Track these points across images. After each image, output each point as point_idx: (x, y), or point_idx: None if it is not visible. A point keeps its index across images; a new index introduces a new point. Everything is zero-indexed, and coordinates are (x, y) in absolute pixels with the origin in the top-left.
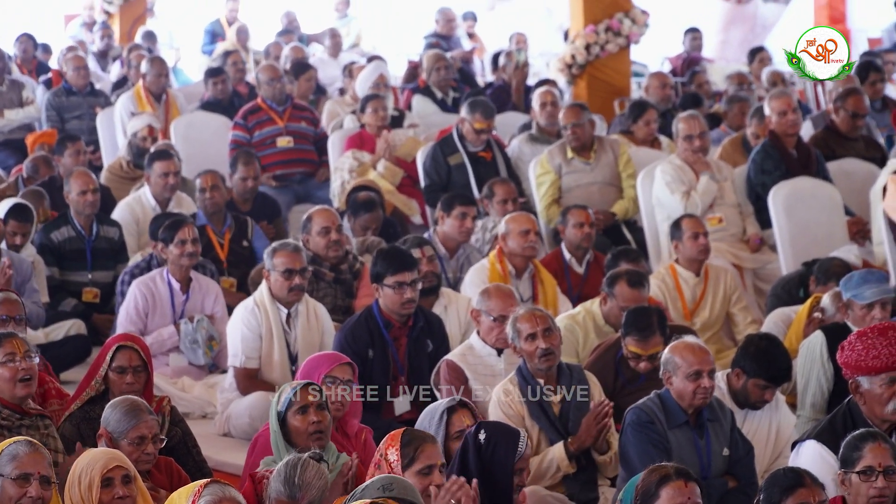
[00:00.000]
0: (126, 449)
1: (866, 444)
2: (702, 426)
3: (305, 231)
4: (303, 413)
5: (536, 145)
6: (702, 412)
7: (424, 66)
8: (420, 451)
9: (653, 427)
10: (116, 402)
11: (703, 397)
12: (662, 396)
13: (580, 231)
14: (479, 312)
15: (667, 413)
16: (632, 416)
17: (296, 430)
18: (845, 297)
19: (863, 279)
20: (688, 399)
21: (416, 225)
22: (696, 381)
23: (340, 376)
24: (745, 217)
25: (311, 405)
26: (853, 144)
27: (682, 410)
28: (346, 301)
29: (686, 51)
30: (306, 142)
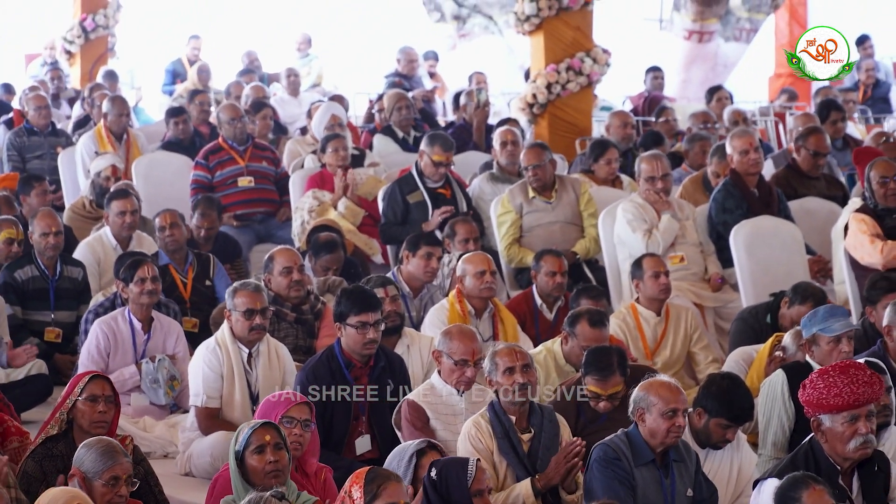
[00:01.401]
0: (100, 490)
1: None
2: (667, 466)
3: (267, 271)
4: (260, 453)
5: (497, 184)
6: (668, 452)
7: (385, 106)
8: (383, 488)
9: (619, 464)
10: (91, 443)
11: (676, 435)
12: (630, 434)
13: (552, 280)
14: (440, 353)
15: (633, 451)
16: (598, 453)
17: (253, 470)
18: (811, 331)
19: (829, 313)
20: (660, 437)
21: (378, 264)
22: (672, 419)
23: (298, 416)
24: (707, 256)
25: (268, 445)
26: (815, 183)
27: (650, 449)
28: (307, 341)
29: (647, 90)
30: (267, 181)
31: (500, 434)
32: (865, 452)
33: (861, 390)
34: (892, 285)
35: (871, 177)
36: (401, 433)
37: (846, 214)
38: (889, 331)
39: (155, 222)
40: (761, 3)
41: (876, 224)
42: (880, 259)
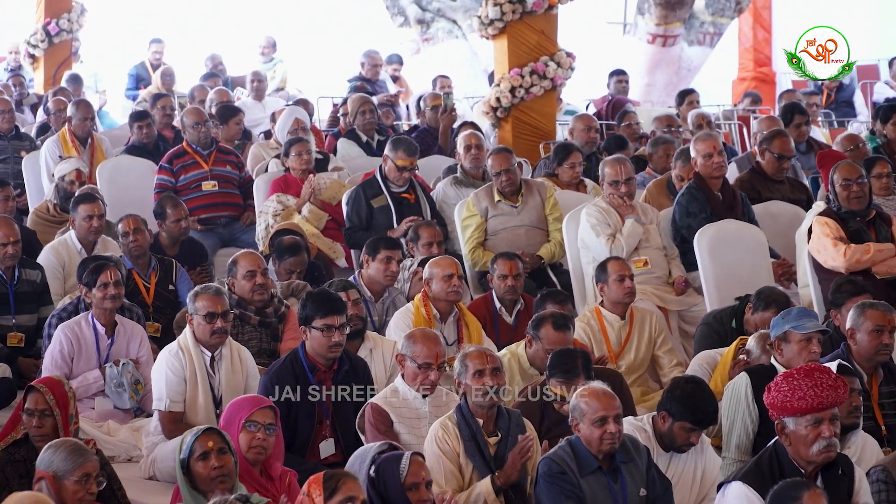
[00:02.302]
0: (72, 488)
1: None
2: (616, 469)
3: (231, 275)
4: (204, 459)
5: (461, 188)
6: (614, 455)
7: (349, 110)
8: (341, 483)
9: (564, 477)
10: (58, 444)
11: (611, 443)
12: (573, 443)
13: (503, 283)
14: (404, 357)
15: (578, 460)
16: (543, 467)
17: (200, 476)
18: (783, 329)
19: (802, 313)
20: (595, 445)
21: (341, 268)
22: (602, 426)
23: (262, 420)
24: (671, 260)
25: (211, 451)
26: (779, 187)
27: (594, 457)
28: (271, 345)
29: (611, 93)
30: (231, 185)
31: (466, 436)
32: (828, 456)
33: (825, 394)
34: (857, 289)
35: (834, 180)
36: (364, 437)
37: (810, 218)
38: (852, 334)
39: (118, 228)
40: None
41: (840, 227)
42: (844, 262)
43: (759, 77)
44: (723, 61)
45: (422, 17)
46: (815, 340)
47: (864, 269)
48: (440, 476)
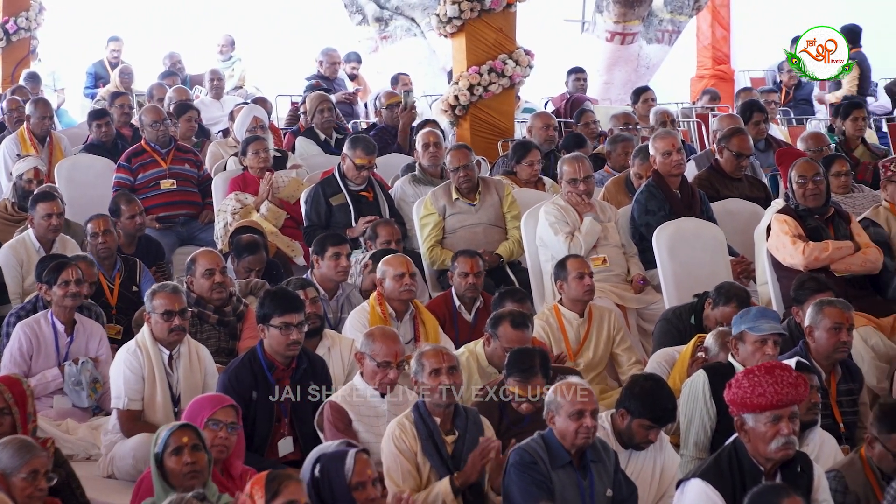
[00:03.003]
0: (20, 484)
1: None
2: (585, 467)
3: (189, 273)
4: (177, 454)
5: (420, 186)
6: (585, 453)
7: (308, 108)
8: (283, 486)
9: (536, 467)
10: (5, 441)
11: (586, 437)
12: (546, 437)
13: (465, 281)
14: (363, 355)
15: (550, 453)
16: (515, 457)
17: (172, 472)
18: (740, 328)
19: (760, 314)
20: (570, 438)
21: (300, 266)
22: (579, 420)
23: (224, 419)
24: (629, 258)
25: (185, 446)
26: (737, 184)
27: (566, 451)
28: (229, 343)
29: (569, 91)
30: (190, 184)
31: (424, 435)
32: (787, 454)
33: (785, 391)
34: (819, 286)
35: (791, 177)
36: (323, 435)
37: (769, 215)
38: (811, 331)
39: (87, 228)
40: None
41: (798, 225)
42: (802, 260)
43: (717, 75)
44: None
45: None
46: (770, 342)
47: (823, 267)
48: (397, 475)
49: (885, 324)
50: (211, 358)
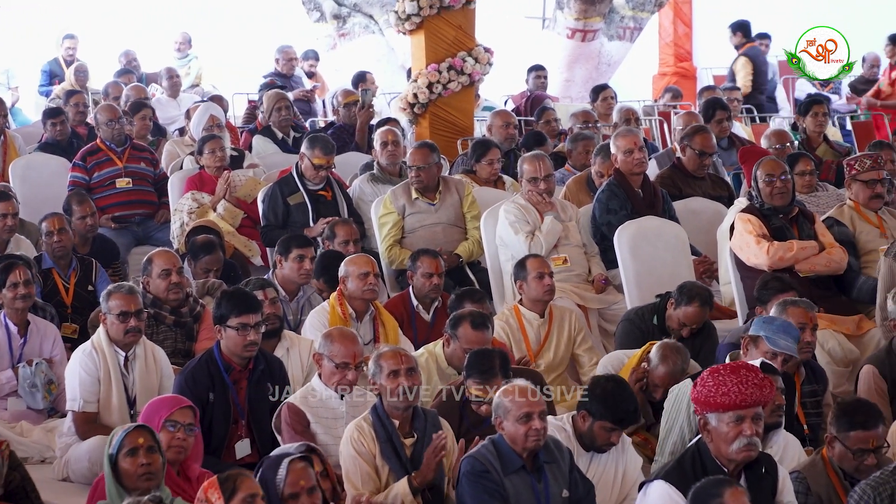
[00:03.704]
0: None
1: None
2: (539, 469)
3: (146, 273)
4: (132, 455)
5: (378, 185)
6: (538, 455)
7: (264, 106)
8: (239, 482)
9: (488, 476)
10: None
11: (536, 440)
12: (496, 442)
13: (429, 281)
14: (321, 356)
15: (502, 459)
16: (466, 466)
17: (126, 473)
18: (758, 332)
19: (783, 329)
20: (520, 442)
21: (257, 266)
22: (527, 423)
23: (181, 420)
24: (590, 257)
25: (140, 447)
26: (700, 183)
27: (517, 455)
28: (186, 344)
29: (530, 89)
30: (146, 183)
31: (382, 438)
32: (749, 455)
33: (749, 391)
34: (783, 286)
35: (757, 175)
36: (281, 437)
37: (732, 214)
38: None
39: (41, 227)
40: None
41: (762, 224)
42: (766, 260)
43: (679, 72)
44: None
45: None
46: (780, 360)
47: (787, 267)
48: (356, 478)
49: (850, 324)
50: (167, 359)
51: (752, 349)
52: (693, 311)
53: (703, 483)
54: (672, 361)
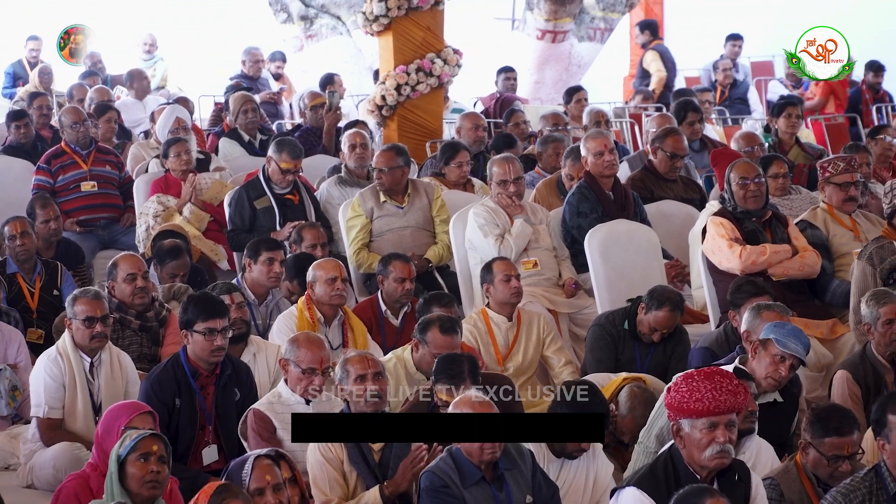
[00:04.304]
0: None
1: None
2: (500, 478)
3: (111, 278)
4: (144, 461)
5: (346, 188)
6: (497, 464)
7: (231, 108)
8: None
9: (447, 490)
10: None
11: (492, 452)
12: (454, 455)
13: (401, 286)
14: (287, 362)
15: (460, 472)
16: (426, 482)
17: (132, 476)
18: (768, 335)
19: (793, 333)
20: (476, 455)
21: (224, 271)
22: None
23: (142, 426)
24: (561, 261)
25: (153, 454)
26: (671, 186)
27: (476, 467)
28: (152, 349)
29: (499, 91)
30: (111, 186)
31: (350, 443)
32: (722, 462)
33: (723, 398)
34: (757, 290)
35: (731, 178)
36: (247, 443)
37: (704, 218)
38: (748, 336)
39: (4, 231)
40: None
41: (735, 228)
42: (739, 264)
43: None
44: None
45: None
46: (788, 363)
47: (760, 271)
48: (324, 484)
49: (823, 328)
50: (133, 365)
51: (762, 352)
52: (664, 316)
53: (684, 492)
54: (639, 414)
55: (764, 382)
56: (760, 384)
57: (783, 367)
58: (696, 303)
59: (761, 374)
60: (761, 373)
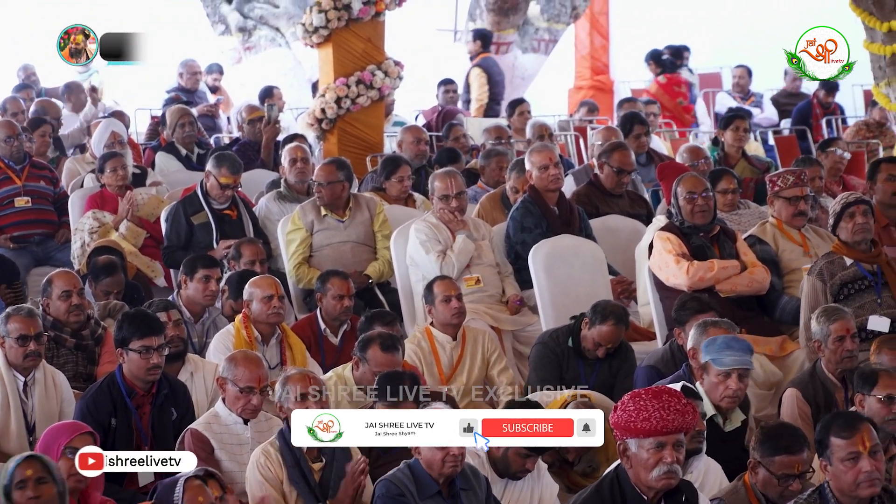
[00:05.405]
0: None
1: None
2: (455, 496)
3: (45, 295)
4: (21, 489)
5: (285, 203)
6: (454, 481)
7: (168, 122)
8: None
9: (403, 500)
10: None
11: (453, 465)
12: (412, 466)
13: (339, 304)
14: (225, 380)
15: (418, 484)
16: (381, 490)
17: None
18: (705, 359)
19: (726, 344)
20: (437, 468)
21: (160, 288)
22: (444, 448)
23: (81, 446)
24: (504, 277)
25: (28, 480)
26: (617, 201)
27: (433, 480)
28: (87, 368)
29: (440, 104)
30: (45, 202)
31: (290, 463)
32: (669, 483)
33: (671, 417)
34: (702, 306)
35: (678, 192)
36: None
37: (650, 233)
38: (694, 353)
39: None
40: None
41: (682, 243)
42: (686, 280)
43: (596, 85)
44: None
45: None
46: (735, 376)
47: (708, 287)
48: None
49: (773, 345)
50: (68, 384)
51: (707, 377)
52: (608, 330)
53: None
54: None
55: (723, 404)
56: (721, 407)
57: (731, 382)
58: (643, 320)
59: (716, 398)
60: (715, 396)
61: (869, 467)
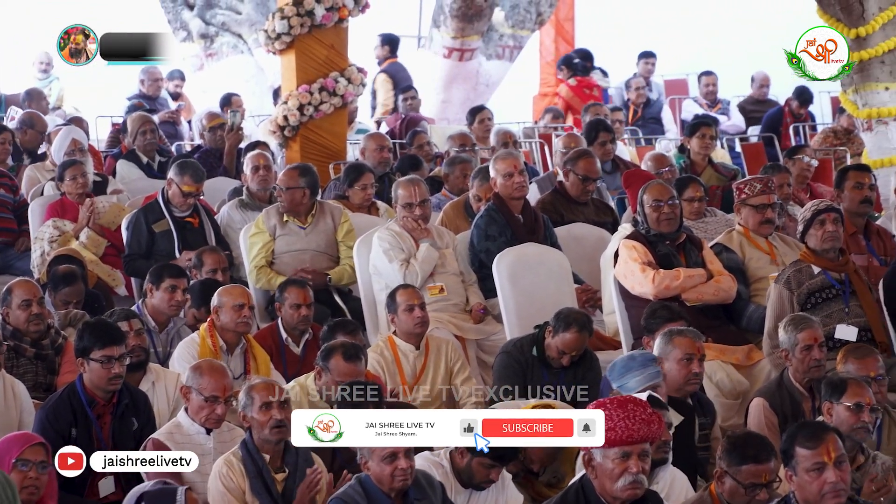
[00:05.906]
0: None
1: None
2: None
3: (5, 304)
4: None
5: (247, 212)
6: (407, 493)
7: (129, 130)
8: None
9: None
10: None
11: (403, 479)
12: (364, 482)
13: (297, 313)
14: (189, 389)
15: (369, 499)
16: None
17: None
18: (614, 386)
19: (625, 367)
20: (387, 483)
21: (122, 297)
22: (393, 462)
23: (32, 458)
24: (468, 286)
25: None
26: (583, 209)
27: (385, 495)
28: (48, 378)
29: (404, 111)
30: (5, 210)
31: (252, 473)
32: (634, 493)
33: (636, 427)
34: (672, 315)
35: (644, 200)
36: (146, 474)
37: (616, 241)
38: (660, 363)
39: None
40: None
41: (648, 251)
42: (652, 289)
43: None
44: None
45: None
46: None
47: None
48: None
49: (739, 354)
50: (27, 394)
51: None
52: (571, 338)
53: None
54: None
55: (689, 389)
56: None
57: None
58: (609, 328)
59: None
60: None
61: (834, 478)
